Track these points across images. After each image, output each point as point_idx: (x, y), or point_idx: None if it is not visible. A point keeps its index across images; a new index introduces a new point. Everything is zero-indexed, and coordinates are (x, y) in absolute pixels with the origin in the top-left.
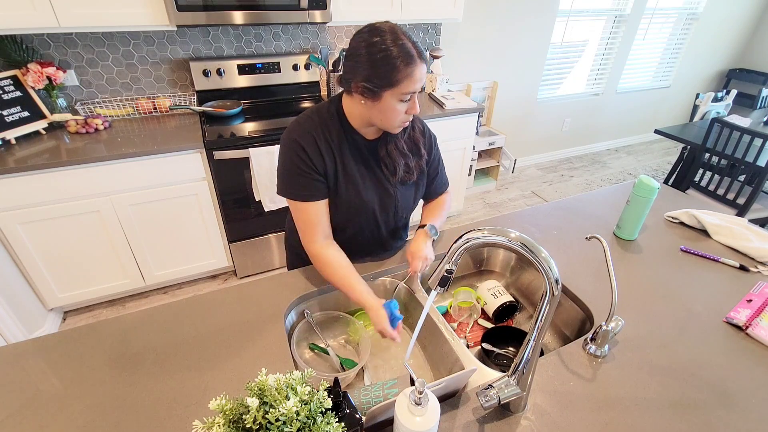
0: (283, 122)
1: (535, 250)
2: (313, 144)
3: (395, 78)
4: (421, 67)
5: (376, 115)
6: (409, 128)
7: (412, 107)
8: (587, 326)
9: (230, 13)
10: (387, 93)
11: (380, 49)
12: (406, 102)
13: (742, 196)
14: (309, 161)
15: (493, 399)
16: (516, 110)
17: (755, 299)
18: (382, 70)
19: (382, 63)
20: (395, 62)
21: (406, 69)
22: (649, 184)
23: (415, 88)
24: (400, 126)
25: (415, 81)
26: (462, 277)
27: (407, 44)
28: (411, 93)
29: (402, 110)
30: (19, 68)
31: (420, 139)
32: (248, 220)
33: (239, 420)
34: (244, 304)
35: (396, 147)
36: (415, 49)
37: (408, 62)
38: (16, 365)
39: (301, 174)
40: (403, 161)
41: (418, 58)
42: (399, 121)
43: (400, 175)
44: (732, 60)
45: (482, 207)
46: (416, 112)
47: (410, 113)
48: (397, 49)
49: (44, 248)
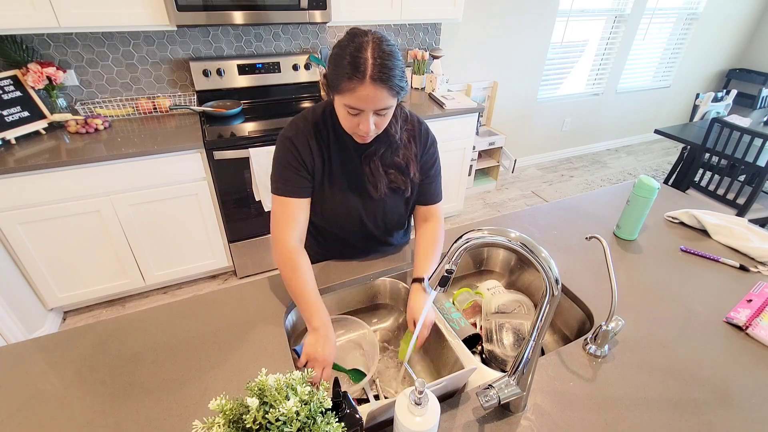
0: (283, 122)
1: (535, 250)
2: (304, 142)
3: (340, 85)
4: (372, 89)
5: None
6: (400, 148)
7: (362, 123)
8: (587, 326)
9: (230, 13)
10: (336, 97)
11: (337, 51)
12: (354, 116)
13: (742, 196)
14: (299, 157)
15: (493, 399)
16: (516, 110)
17: (755, 299)
18: (332, 72)
19: (333, 65)
20: (342, 70)
21: (350, 82)
22: (649, 184)
23: (359, 105)
24: (357, 136)
25: (359, 99)
26: (462, 277)
27: (366, 60)
28: (356, 109)
29: (353, 122)
30: (19, 68)
31: (411, 160)
32: (248, 220)
33: (239, 420)
34: (244, 304)
35: (379, 165)
36: (375, 69)
37: (353, 76)
38: (16, 365)
39: (288, 168)
40: (386, 180)
41: (369, 79)
42: (351, 131)
43: (383, 191)
44: (732, 60)
45: (482, 207)
46: (367, 132)
47: (362, 130)
48: (350, 58)
49: (44, 248)
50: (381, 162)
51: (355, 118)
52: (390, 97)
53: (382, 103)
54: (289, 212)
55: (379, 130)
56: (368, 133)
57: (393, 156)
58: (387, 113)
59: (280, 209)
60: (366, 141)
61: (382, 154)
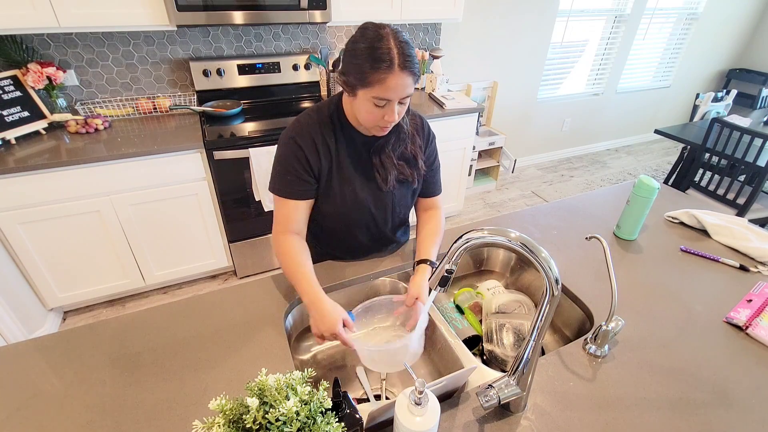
0: (283, 122)
1: (535, 250)
2: (310, 143)
3: (367, 79)
4: (401, 77)
5: (356, 111)
6: (407, 141)
7: (388, 114)
8: (587, 326)
9: (230, 13)
10: (361, 92)
11: (360, 47)
12: (380, 107)
13: (742, 196)
14: (304, 159)
15: (493, 399)
16: (516, 110)
17: (755, 299)
18: (357, 67)
19: (358, 60)
20: (369, 63)
21: (379, 73)
22: (649, 184)
23: (389, 96)
24: (380, 130)
25: (388, 89)
26: (462, 277)
27: (392, 50)
28: (384, 99)
29: (378, 115)
30: (19, 68)
31: (418, 152)
32: (248, 220)
33: (239, 420)
34: (244, 304)
35: (390, 157)
36: (401, 57)
37: (382, 67)
38: (16, 365)
39: (289, 172)
40: (396, 171)
41: (398, 67)
42: (373, 123)
43: (392, 183)
44: (732, 60)
45: (482, 207)
46: (393, 120)
47: (386, 121)
48: (376, 51)
49: (44, 248)
50: (392, 153)
51: (380, 110)
52: (413, 84)
53: (407, 91)
54: (285, 213)
55: (399, 119)
56: (393, 122)
57: (402, 147)
58: (407, 101)
59: (281, 211)
60: (385, 132)
61: (392, 146)
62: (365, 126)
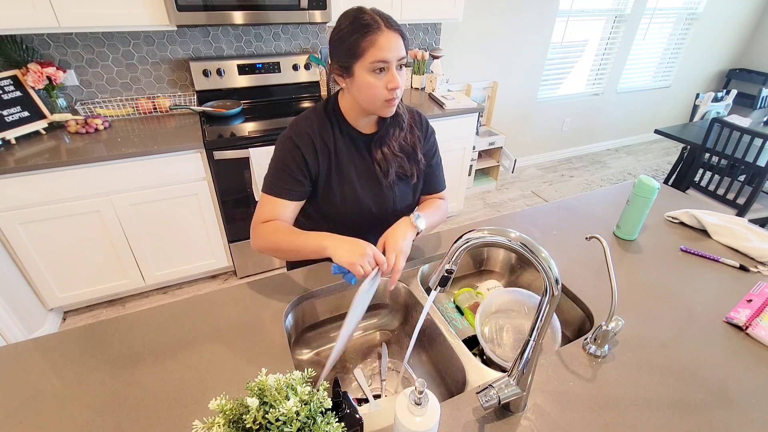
0: (283, 122)
1: (535, 250)
2: (308, 143)
3: (359, 48)
4: (387, 34)
5: (358, 96)
6: (406, 130)
7: (390, 80)
8: (587, 326)
9: (230, 13)
10: (356, 66)
11: (342, 27)
12: (380, 75)
13: (742, 196)
14: (301, 160)
15: (493, 399)
16: (516, 110)
17: (755, 299)
18: (346, 43)
19: (346, 37)
20: (356, 33)
21: (367, 36)
22: (649, 184)
23: (383, 56)
24: (387, 106)
25: (381, 48)
26: (462, 277)
27: (374, 16)
28: (381, 62)
29: (380, 84)
30: (19, 68)
31: (417, 143)
32: (248, 220)
33: (239, 420)
34: (244, 304)
35: (390, 149)
36: (384, 20)
37: (368, 30)
38: (16, 365)
39: (284, 171)
40: (397, 164)
41: (383, 25)
42: (381, 98)
43: (392, 177)
44: (732, 60)
45: (482, 207)
46: (397, 86)
47: (391, 87)
48: (357, 22)
49: (44, 248)
50: (392, 144)
51: (382, 79)
52: (404, 47)
53: (401, 51)
54: (272, 210)
55: (401, 91)
56: (398, 87)
57: (401, 136)
58: (404, 69)
59: (264, 207)
60: (393, 108)
61: (392, 136)
62: (372, 108)
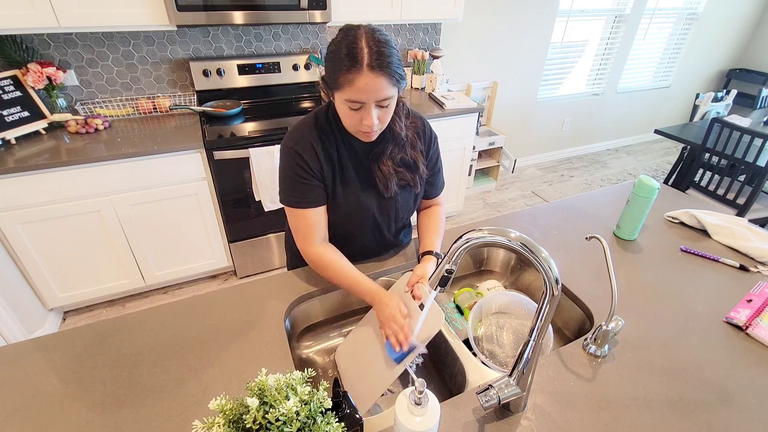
0: (283, 122)
1: (535, 250)
2: (310, 150)
3: (338, 80)
4: (370, 77)
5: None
6: (407, 148)
7: (365, 117)
8: (587, 326)
9: (230, 13)
10: (336, 95)
11: (332, 48)
12: (356, 111)
13: (742, 196)
14: (307, 168)
15: (493, 399)
16: (516, 110)
17: (755, 299)
18: (330, 68)
19: (330, 62)
20: (340, 64)
21: (347, 74)
22: (649, 184)
23: (359, 98)
24: (361, 134)
25: (358, 90)
26: (462, 277)
27: (362, 50)
28: (357, 102)
29: (356, 119)
30: (19, 68)
31: (419, 158)
32: (248, 220)
33: (239, 420)
34: (244, 304)
35: (388, 165)
36: (372, 57)
37: (351, 67)
38: (16, 365)
39: (298, 182)
40: (398, 177)
41: (366, 67)
42: (354, 129)
43: (393, 189)
44: (732, 60)
45: (482, 207)
46: (371, 125)
47: (366, 124)
48: (345, 50)
49: (44, 248)
50: (390, 161)
51: (357, 114)
52: (390, 86)
53: (382, 93)
54: (307, 223)
55: (383, 125)
56: (372, 127)
57: (401, 153)
58: (389, 105)
59: (296, 221)
60: (371, 138)
61: (390, 153)
62: (351, 132)
